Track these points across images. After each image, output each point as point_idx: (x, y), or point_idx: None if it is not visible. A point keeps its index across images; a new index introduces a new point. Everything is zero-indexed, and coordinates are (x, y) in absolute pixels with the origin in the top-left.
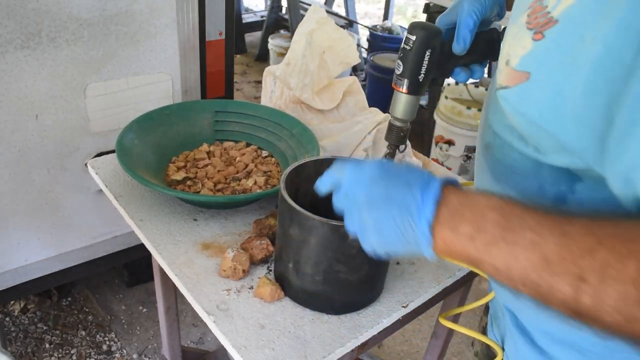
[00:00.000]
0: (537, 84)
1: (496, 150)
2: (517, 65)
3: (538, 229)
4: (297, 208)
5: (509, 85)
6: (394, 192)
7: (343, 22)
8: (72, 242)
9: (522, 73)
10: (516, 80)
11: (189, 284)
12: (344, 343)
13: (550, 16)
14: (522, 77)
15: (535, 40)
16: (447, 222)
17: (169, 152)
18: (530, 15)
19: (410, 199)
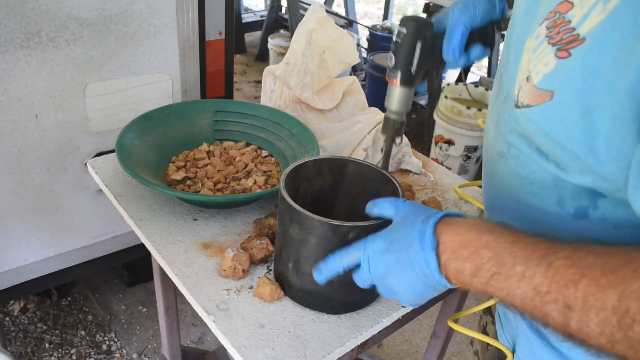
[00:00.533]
0: (562, 104)
1: (511, 160)
2: (540, 84)
3: (527, 262)
4: (297, 208)
5: (531, 104)
6: (403, 258)
7: (343, 22)
8: (72, 242)
9: (545, 92)
10: (539, 99)
11: (189, 284)
12: (344, 343)
13: (576, 34)
14: (545, 97)
15: (560, 59)
16: (453, 265)
17: (169, 152)
18: (552, 29)
19: (416, 258)
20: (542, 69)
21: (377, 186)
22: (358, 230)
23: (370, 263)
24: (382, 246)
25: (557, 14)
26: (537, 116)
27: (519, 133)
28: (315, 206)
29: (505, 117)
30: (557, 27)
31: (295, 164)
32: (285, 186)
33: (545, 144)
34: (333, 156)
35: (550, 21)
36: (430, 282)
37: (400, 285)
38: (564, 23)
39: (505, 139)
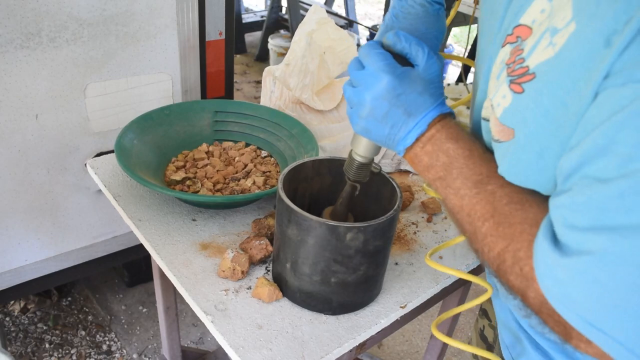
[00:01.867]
0: (520, 145)
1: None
2: (502, 118)
3: (465, 182)
4: (295, 208)
5: (501, 140)
6: (392, 115)
7: (343, 22)
8: (71, 242)
9: (507, 129)
10: (504, 136)
11: (187, 284)
12: (342, 343)
13: (525, 66)
14: (508, 134)
15: (515, 93)
16: (416, 151)
17: (169, 152)
18: (511, 56)
19: (402, 125)
20: (501, 102)
21: (375, 187)
22: (355, 230)
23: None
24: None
25: (517, 38)
26: (506, 154)
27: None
28: (313, 207)
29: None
30: (515, 54)
31: (293, 164)
32: (283, 186)
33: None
34: (332, 157)
35: (513, 46)
36: (387, 142)
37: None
38: (518, 51)
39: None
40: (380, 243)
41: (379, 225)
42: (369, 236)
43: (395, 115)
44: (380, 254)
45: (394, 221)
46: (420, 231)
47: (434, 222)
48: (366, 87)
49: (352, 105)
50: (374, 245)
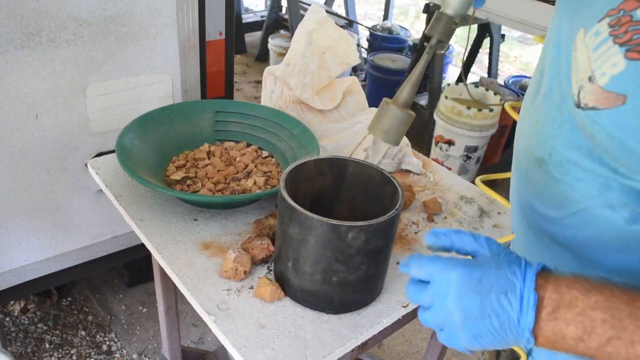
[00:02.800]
0: (636, 109)
1: (552, 166)
2: (607, 85)
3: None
4: (297, 207)
5: (599, 107)
6: (489, 303)
7: (343, 22)
8: (72, 242)
9: (615, 95)
10: (609, 103)
11: (189, 284)
12: (344, 343)
13: None
14: (616, 100)
15: (630, 60)
16: (550, 326)
17: (169, 152)
18: (616, 27)
19: (506, 309)
20: (608, 70)
21: (377, 186)
22: (357, 229)
23: (448, 297)
24: (465, 281)
25: (621, 10)
26: (606, 121)
27: (567, 137)
28: (315, 206)
29: (547, 119)
30: (624, 25)
31: (295, 163)
32: (285, 186)
33: (611, 147)
34: (333, 156)
35: (613, 18)
36: (507, 338)
37: (467, 331)
38: (631, 22)
39: (547, 143)
40: (382, 242)
41: (381, 225)
42: (370, 235)
43: (491, 301)
44: (381, 253)
45: (395, 221)
46: (422, 231)
47: (435, 221)
48: (441, 296)
49: (443, 326)
50: (375, 244)
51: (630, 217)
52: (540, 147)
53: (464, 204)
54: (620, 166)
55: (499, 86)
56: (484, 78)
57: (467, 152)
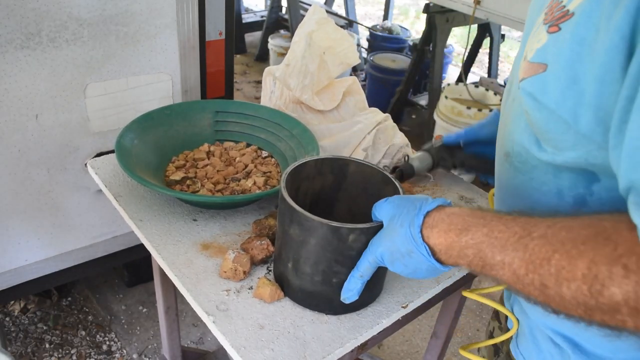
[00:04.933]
0: (553, 74)
1: (514, 158)
2: (533, 58)
3: (504, 250)
4: (297, 208)
5: (525, 77)
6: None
7: (343, 22)
8: (72, 242)
9: (538, 65)
10: (532, 71)
11: (188, 284)
12: (344, 343)
13: (566, 9)
14: (538, 69)
15: (551, 33)
16: (449, 260)
17: (169, 152)
18: (547, 13)
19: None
20: (535, 45)
21: (377, 186)
22: (358, 232)
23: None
24: (387, 255)
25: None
26: (531, 86)
27: (522, 128)
28: (315, 205)
29: (511, 116)
30: (552, 9)
31: (295, 163)
32: (286, 186)
33: (540, 118)
34: (334, 156)
35: (548, 7)
36: (437, 269)
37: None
38: (557, 4)
39: (511, 137)
40: None
41: (381, 227)
42: (371, 237)
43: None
44: None
45: None
46: None
47: None
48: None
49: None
50: None
51: (573, 202)
52: (507, 142)
53: (464, 204)
54: (553, 141)
55: (499, 86)
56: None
57: None
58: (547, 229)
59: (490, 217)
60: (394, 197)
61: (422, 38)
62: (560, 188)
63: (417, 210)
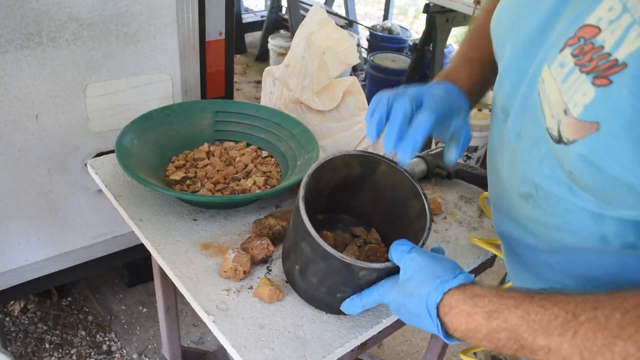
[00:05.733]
0: (612, 135)
1: (541, 201)
2: (581, 115)
3: (548, 334)
4: (312, 233)
5: (577, 138)
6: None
7: (343, 22)
8: (72, 242)
9: (590, 124)
10: (583, 132)
11: (188, 284)
12: (344, 343)
13: (613, 59)
14: (590, 128)
15: (599, 86)
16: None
17: (169, 152)
18: (580, 56)
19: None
20: (580, 99)
21: (404, 195)
22: (370, 270)
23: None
24: (394, 305)
25: (580, 39)
26: (584, 150)
27: (547, 174)
28: (339, 189)
29: (524, 157)
30: (587, 53)
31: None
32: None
33: (592, 181)
34: (367, 152)
35: (575, 47)
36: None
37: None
38: (594, 49)
39: (529, 180)
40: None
41: (393, 269)
42: (382, 274)
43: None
44: None
45: None
46: None
47: (435, 222)
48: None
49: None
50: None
51: (621, 246)
52: (523, 184)
53: (464, 204)
54: (605, 199)
55: None
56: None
57: (467, 152)
58: (596, 312)
59: (521, 298)
60: (418, 252)
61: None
62: (604, 234)
63: (438, 283)
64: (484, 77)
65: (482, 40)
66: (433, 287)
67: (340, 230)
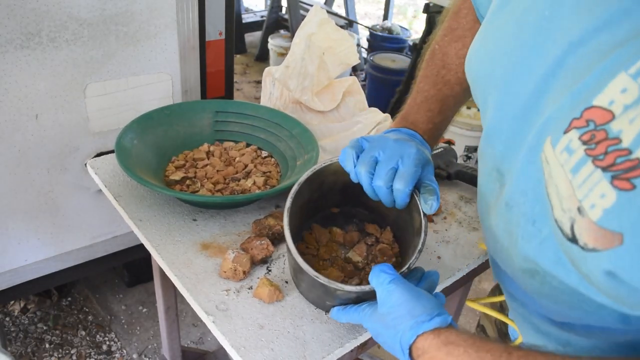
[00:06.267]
0: (636, 249)
1: (550, 279)
2: (602, 221)
3: None
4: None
5: (599, 248)
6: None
7: (343, 22)
8: (72, 242)
9: (611, 233)
10: (607, 242)
11: (188, 284)
12: (343, 343)
13: (635, 159)
14: (612, 239)
15: (621, 190)
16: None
17: (169, 152)
18: (591, 144)
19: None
20: (598, 202)
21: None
22: (346, 292)
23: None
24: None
25: (589, 122)
26: (609, 264)
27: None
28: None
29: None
30: (600, 143)
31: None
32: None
33: (615, 294)
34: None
35: (584, 132)
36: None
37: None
38: (608, 140)
39: (531, 260)
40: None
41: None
42: (361, 295)
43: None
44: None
45: None
46: None
47: (435, 222)
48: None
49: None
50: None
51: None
52: (525, 261)
53: (464, 204)
54: (624, 305)
55: None
56: None
57: (467, 152)
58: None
59: (498, 353)
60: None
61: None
62: (624, 314)
63: (413, 324)
64: (442, 118)
65: (442, 70)
66: (408, 326)
67: (354, 225)
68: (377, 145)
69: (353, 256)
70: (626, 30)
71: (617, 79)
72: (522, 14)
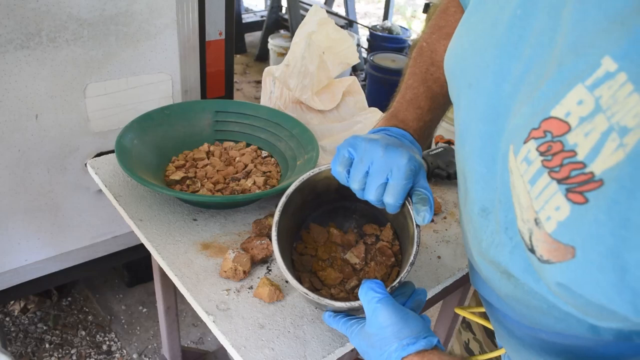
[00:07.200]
0: (591, 264)
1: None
2: (555, 233)
3: None
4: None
5: (552, 260)
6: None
7: (343, 22)
8: (72, 242)
9: (564, 246)
10: (559, 255)
11: (188, 284)
12: (344, 343)
13: (589, 172)
14: (565, 253)
15: (575, 203)
16: None
17: (169, 152)
18: (547, 156)
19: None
20: (553, 214)
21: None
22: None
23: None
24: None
25: (546, 133)
26: (561, 277)
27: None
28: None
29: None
30: (556, 155)
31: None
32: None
33: (575, 302)
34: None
35: (541, 142)
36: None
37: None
38: (564, 152)
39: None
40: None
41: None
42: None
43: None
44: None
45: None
46: (421, 231)
47: (435, 222)
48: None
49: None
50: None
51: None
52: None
53: None
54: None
55: None
56: None
57: None
58: None
59: None
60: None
61: None
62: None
63: (398, 346)
64: (431, 116)
65: (431, 67)
66: (393, 349)
67: (354, 220)
68: (367, 157)
69: (351, 258)
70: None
71: (574, 90)
72: (497, 11)
